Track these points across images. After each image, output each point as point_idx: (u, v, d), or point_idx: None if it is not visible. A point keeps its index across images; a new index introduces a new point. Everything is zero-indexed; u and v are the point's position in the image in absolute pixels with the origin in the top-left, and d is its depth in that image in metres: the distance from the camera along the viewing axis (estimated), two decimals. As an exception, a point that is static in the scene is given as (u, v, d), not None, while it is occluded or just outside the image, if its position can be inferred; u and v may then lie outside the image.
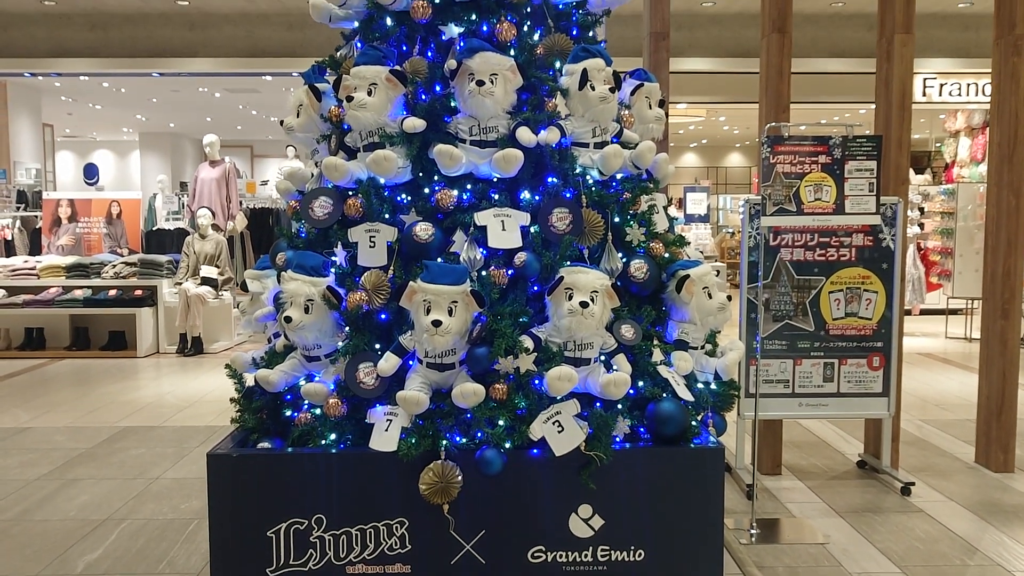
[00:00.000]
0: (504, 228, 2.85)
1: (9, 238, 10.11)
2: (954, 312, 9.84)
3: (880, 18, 4.59)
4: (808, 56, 10.63)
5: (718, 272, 3.22)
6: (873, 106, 4.65)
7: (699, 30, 10.87)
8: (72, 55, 11.09)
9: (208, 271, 8.67)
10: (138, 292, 8.44)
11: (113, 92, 14.99)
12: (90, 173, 23.99)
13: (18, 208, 11.63)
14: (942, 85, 11.39)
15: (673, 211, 10.75)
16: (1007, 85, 4.56)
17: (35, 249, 10.11)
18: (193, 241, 8.81)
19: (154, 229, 11.00)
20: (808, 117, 15.87)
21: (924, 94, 11.39)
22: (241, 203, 11.03)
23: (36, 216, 10.56)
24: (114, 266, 8.63)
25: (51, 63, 11.17)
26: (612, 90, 2.99)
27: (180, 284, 8.51)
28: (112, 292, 8.43)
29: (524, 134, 2.86)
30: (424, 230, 2.83)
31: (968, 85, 11.40)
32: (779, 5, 4.42)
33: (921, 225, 10.85)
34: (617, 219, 3.00)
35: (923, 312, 10.60)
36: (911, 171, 12.57)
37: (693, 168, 28.37)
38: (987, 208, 4.74)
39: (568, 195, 2.93)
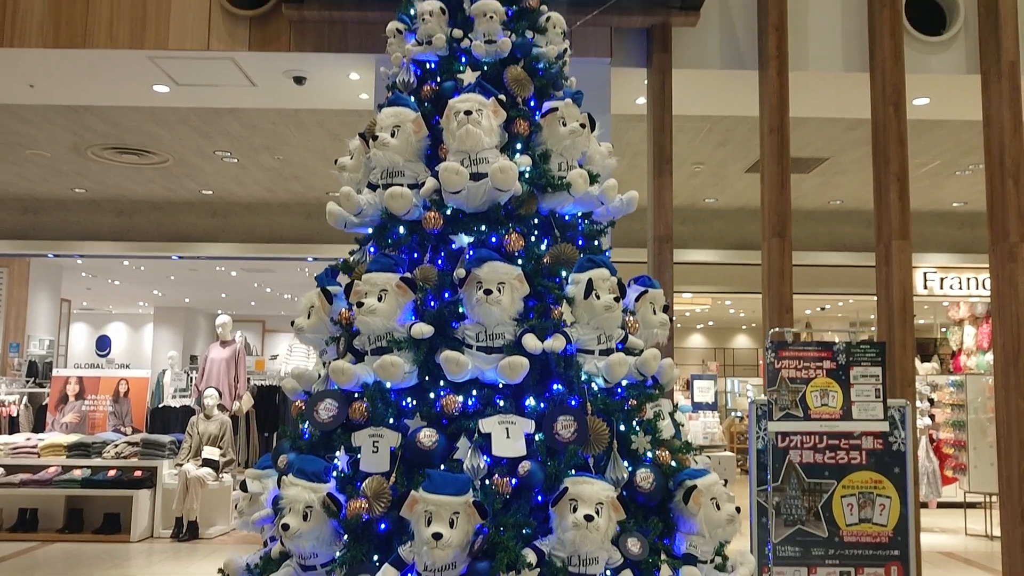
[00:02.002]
0: (508, 436, 2.82)
1: (15, 414, 10.08)
2: (972, 506, 9.55)
3: (877, 224, 4.76)
4: (808, 249, 10.93)
5: (726, 482, 3.16)
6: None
7: (702, 224, 11.25)
8: (97, 239, 11.51)
9: (210, 452, 8.57)
10: (138, 473, 8.30)
11: (133, 270, 15.43)
12: (102, 345, 24.27)
13: (27, 382, 11.68)
14: (942, 279, 11.62)
15: (680, 398, 10.56)
16: (1006, 290, 4.66)
17: (39, 426, 10.06)
18: (198, 421, 8.77)
19: (160, 406, 10.97)
20: (813, 304, 16.14)
21: (926, 287, 11.60)
22: (249, 380, 11.06)
23: (44, 392, 10.59)
24: (116, 445, 8.54)
25: (76, 246, 11.58)
26: (617, 299, 3.05)
27: (181, 465, 8.38)
28: (112, 472, 8.30)
29: (530, 341, 2.89)
30: (428, 437, 2.80)
31: (968, 279, 11.62)
32: (778, 211, 4.61)
33: (932, 416, 10.73)
34: (623, 427, 2.98)
35: (940, 505, 10.29)
36: (917, 359, 12.60)
37: (700, 349, 28.46)
38: (996, 411, 4.71)
39: (573, 403, 2.92)
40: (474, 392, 2.94)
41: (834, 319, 19.97)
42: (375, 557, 2.72)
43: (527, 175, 3.19)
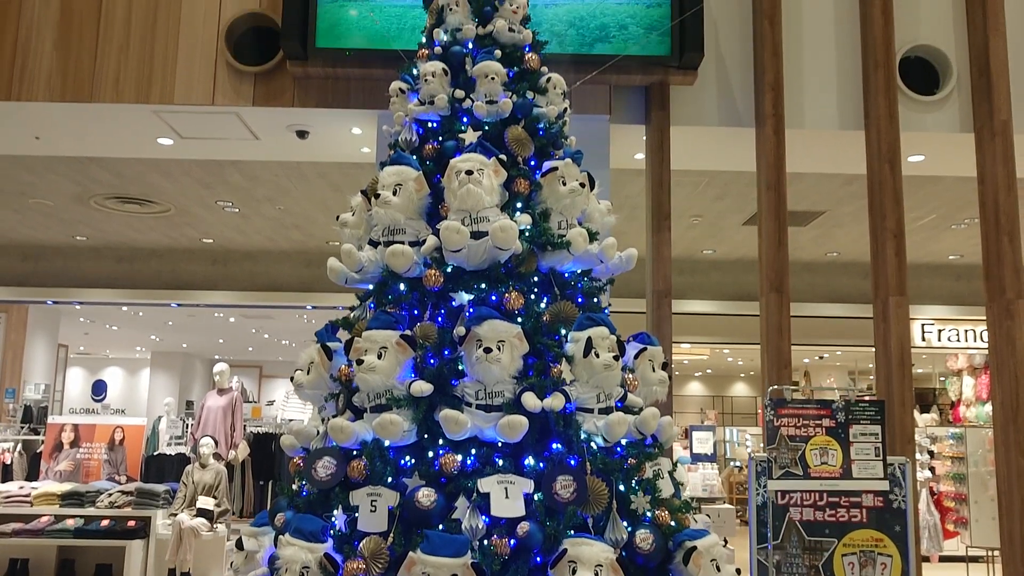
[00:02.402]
0: (507, 496, 2.81)
1: (8, 462, 10.00)
2: (975, 560, 9.44)
3: (874, 281, 4.79)
4: (806, 301, 10.97)
5: (726, 541, 3.14)
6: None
7: (700, 275, 11.30)
8: (97, 286, 11.54)
9: (205, 502, 8.48)
10: (131, 523, 8.21)
11: (131, 315, 15.43)
12: (98, 390, 24.14)
13: (21, 428, 11.60)
14: (940, 331, 11.64)
15: (678, 449, 10.41)
16: (1003, 347, 4.68)
17: (33, 474, 9.96)
18: (193, 470, 8.69)
19: (155, 454, 10.89)
20: (811, 353, 16.11)
21: (923, 339, 11.61)
22: (245, 428, 10.99)
23: (38, 439, 10.51)
24: (110, 494, 8.45)
25: (75, 292, 11.60)
26: (616, 357, 3.06)
27: (175, 515, 8.29)
28: (105, 522, 8.20)
29: (529, 400, 2.89)
30: (426, 496, 2.80)
31: (966, 331, 11.64)
32: (776, 267, 4.64)
33: (932, 469, 10.66)
34: (622, 487, 2.97)
35: (942, 559, 10.17)
36: (916, 409, 12.55)
37: (698, 397, 28.31)
38: (997, 468, 4.70)
39: (572, 462, 2.92)
40: (473, 451, 2.94)
41: (832, 368, 19.94)
42: (372, 620, 2.69)
43: (527, 234, 3.22)
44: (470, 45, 3.64)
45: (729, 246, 10.64)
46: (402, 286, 3.24)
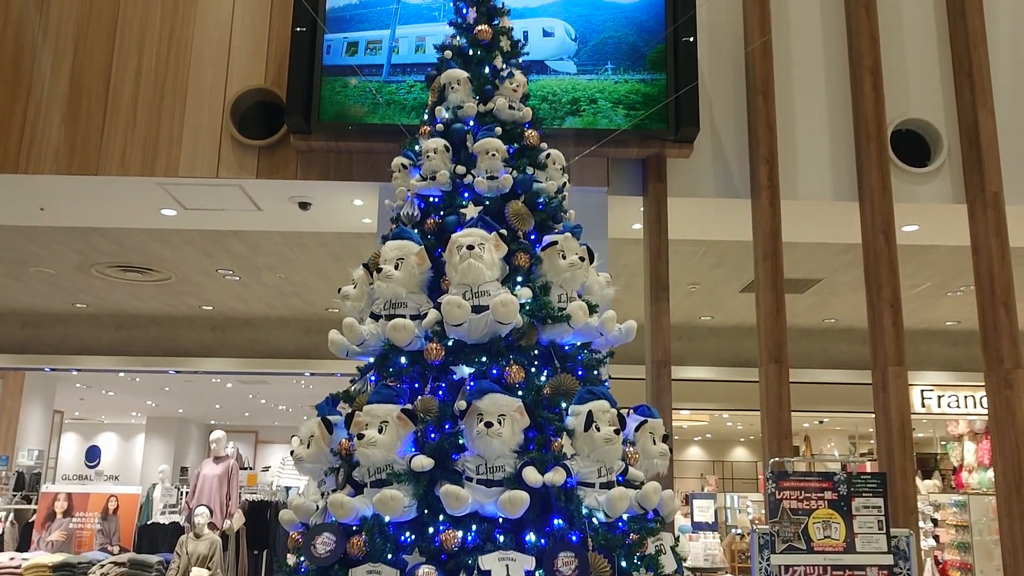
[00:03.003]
0: (509, 573, 2.78)
1: (0, 532, 9.84)
2: (983, 634, 9.26)
3: (872, 351, 4.81)
4: (804, 367, 10.96)
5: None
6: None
7: (698, 341, 11.32)
8: (95, 353, 11.53)
9: (199, 573, 8.33)
10: (123, 596, 8.05)
11: (128, 381, 15.37)
12: (92, 456, 23.86)
13: (13, 497, 11.45)
14: (940, 397, 11.61)
15: (679, 517, 10.28)
16: (1003, 416, 4.67)
17: (24, 544, 9.79)
18: (187, 541, 8.56)
19: (148, 523, 10.72)
20: (811, 418, 16.03)
21: (923, 405, 11.58)
22: (240, 496, 10.84)
23: (31, 509, 10.36)
24: (102, 565, 8.31)
25: (74, 360, 11.59)
26: (617, 431, 3.06)
27: (168, 587, 8.14)
28: (96, 595, 8.04)
29: (530, 475, 2.88)
30: (427, 574, 2.77)
31: (965, 397, 11.61)
32: (774, 337, 4.66)
33: (936, 537, 10.52)
34: (624, 563, 2.94)
35: (950, 633, 9.97)
36: (918, 476, 12.44)
37: (698, 462, 28.02)
38: (1001, 539, 4.65)
39: (574, 538, 2.89)
40: (474, 526, 2.92)
41: (832, 432, 19.82)
42: None
43: (528, 307, 3.25)
44: (471, 122, 3.72)
45: (727, 313, 10.69)
46: (403, 359, 3.25)
